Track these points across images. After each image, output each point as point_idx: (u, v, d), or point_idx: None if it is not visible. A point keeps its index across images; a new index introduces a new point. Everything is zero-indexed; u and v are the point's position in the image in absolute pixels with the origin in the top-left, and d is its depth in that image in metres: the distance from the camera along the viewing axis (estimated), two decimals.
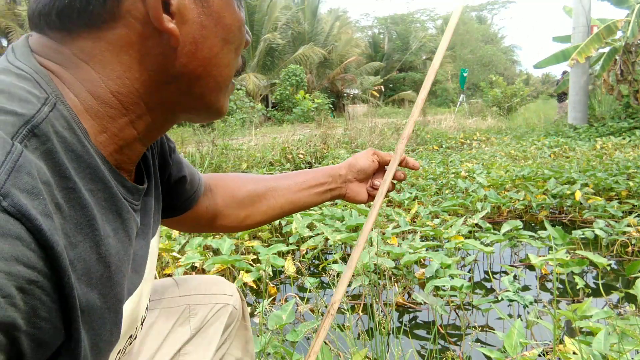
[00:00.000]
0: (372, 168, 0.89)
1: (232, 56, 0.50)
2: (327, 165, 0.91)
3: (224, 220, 0.84)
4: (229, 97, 0.55)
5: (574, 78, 10.45)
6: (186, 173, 0.73)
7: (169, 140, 0.71)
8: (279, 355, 1.55)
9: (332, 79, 24.87)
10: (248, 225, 0.87)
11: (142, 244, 0.54)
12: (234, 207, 0.84)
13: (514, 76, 33.03)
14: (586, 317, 1.65)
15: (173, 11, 0.44)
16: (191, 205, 0.77)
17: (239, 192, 0.85)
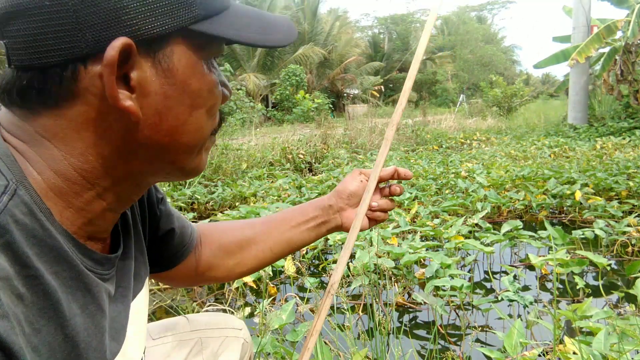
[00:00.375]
0: (362, 189, 0.81)
1: (204, 119, 0.49)
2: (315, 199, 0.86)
3: (214, 272, 0.82)
4: (208, 152, 0.54)
5: (574, 78, 10.46)
6: (175, 226, 0.73)
7: (158, 191, 0.71)
8: (279, 355, 1.55)
9: (332, 79, 24.87)
10: (238, 273, 0.83)
11: (121, 309, 0.53)
12: (222, 257, 0.82)
13: (514, 76, 33.03)
14: (586, 317, 1.65)
15: (133, 85, 0.43)
16: (180, 260, 0.76)
17: (226, 240, 0.83)
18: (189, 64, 0.45)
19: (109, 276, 0.50)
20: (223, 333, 0.89)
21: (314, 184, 4.67)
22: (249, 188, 4.60)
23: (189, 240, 0.77)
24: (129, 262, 0.57)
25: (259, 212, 3.28)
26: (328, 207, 0.82)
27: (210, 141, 0.52)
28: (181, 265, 0.77)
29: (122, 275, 0.55)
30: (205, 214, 4.21)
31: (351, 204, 0.81)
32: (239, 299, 2.36)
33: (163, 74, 0.44)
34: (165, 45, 0.43)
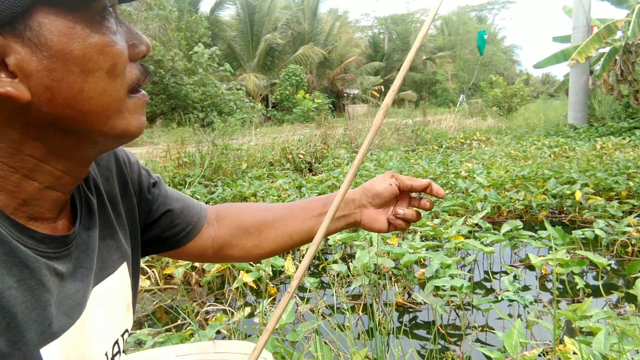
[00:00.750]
0: (389, 192, 0.79)
1: (105, 81, 0.46)
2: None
3: (231, 250, 0.83)
4: (139, 112, 0.51)
5: (574, 78, 10.46)
6: (173, 207, 0.75)
7: (150, 176, 0.73)
8: (279, 355, 1.55)
9: (332, 79, 24.87)
10: (256, 255, 0.84)
11: (78, 287, 0.54)
12: (240, 237, 0.83)
13: (514, 76, 33.05)
14: (586, 317, 1.65)
15: (13, 70, 0.42)
16: (189, 238, 0.78)
17: (246, 221, 0.83)
18: (63, 32, 0.43)
19: (56, 255, 0.51)
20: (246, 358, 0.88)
21: (314, 184, 4.68)
22: (249, 188, 4.60)
23: (195, 219, 0.79)
24: (92, 245, 0.58)
25: None
26: (351, 200, 0.81)
27: (134, 100, 0.50)
28: (194, 243, 0.79)
29: (84, 256, 0.56)
30: None
31: (375, 203, 0.80)
32: (239, 299, 2.36)
33: (38, 50, 0.43)
34: (29, 21, 0.42)
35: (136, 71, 0.50)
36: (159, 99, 15.03)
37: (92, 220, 0.60)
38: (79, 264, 0.56)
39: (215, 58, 15.82)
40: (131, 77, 0.50)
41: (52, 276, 0.50)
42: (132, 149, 9.15)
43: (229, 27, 23.73)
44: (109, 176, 0.66)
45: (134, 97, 0.50)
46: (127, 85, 0.49)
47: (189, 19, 16.82)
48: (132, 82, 0.50)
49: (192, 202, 0.81)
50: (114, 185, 0.67)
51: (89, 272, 0.57)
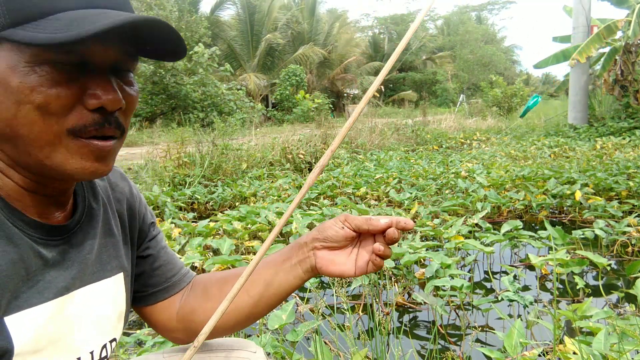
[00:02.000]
0: (341, 237, 0.73)
1: (35, 115, 0.52)
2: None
3: (194, 316, 0.80)
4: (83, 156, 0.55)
5: (574, 78, 10.45)
6: (154, 253, 0.80)
7: (152, 216, 0.82)
8: (279, 355, 1.55)
9: (332, 79, 24.87)
10: None
11: (62, 275, 0.60)
12: (202, 299, 0.80)
13: (514, 76, 33.03)
14: (586, 317, 1.65)
15: None
16: (163, 296, 0.80)
17: (209, 281, 0.82)
18: (8, 65, 0.51)
19: (42, 241, 0.58)
20: (234, 354, 0.87)
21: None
22: (249, 188, 4.60)
23: (175, 280, 0.81)
24: (86, 247, 0.64)
25: (259, 212, 3.28)
26: (303, 244, 0.76)
27: (77, 143, 0.54)
28: (163, 304, 0.80)
29: (75, 252, 0.62)
30: (205, 214, 4.22)
31: (327, 246, 0.74)
32: None
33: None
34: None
35: (87, 118, 0.54)
36: (159, 99, 15.03)
37: (92, 226, 0.66)
38: (68, 257, 0.61)
39: (216, 58, 15.81)
40: (76, 121, 0.54)
41: (34, 257, 0.56)
42: (132, 149, 9.14)
43: (229, 27, 23.73)
44: (121, 199, 0.75)
45: (79, 140, 0.54)
46: (69, 125, 0.53)
47: (189, 19, 16.81)
48: (75, 125, 0.54)
49: (177, 262, 0.83)
50: (124, 208, 0.75)
51: (79, 267, 0.62)
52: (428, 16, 38.10)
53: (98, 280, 0.66)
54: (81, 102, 0.54)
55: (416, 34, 32.76)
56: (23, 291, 0.54)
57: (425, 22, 37.04)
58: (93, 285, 0.65)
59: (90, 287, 0.65)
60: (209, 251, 2.79)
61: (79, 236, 0.64)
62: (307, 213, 3.21)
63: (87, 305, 0.64)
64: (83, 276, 0.63)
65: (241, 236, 2.87)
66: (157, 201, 3.94)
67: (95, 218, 0.68)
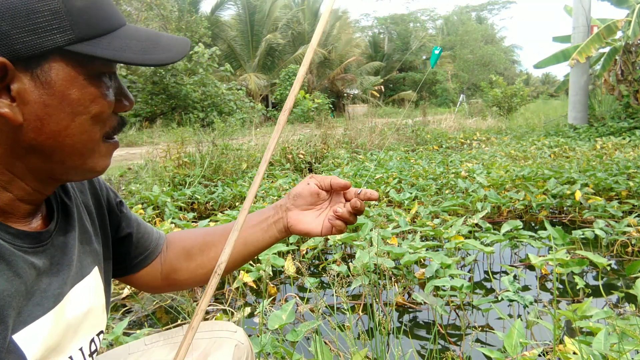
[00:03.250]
0: (307, 191, 0.81)
1: (89, 124, 0.55)
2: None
3: (177, 275, 0.85)
4: (108, 155, 0.61)
5: (574, 78, 10.45)
6: (133, 231, 0.82)
7: (116, 195, 0.82)
8: (279, 355, 1.55)
9: (332, 79, 24.87)
10: (201, 275, 0.85)
11: (54, 281, 0.60)
12: (185, 259, 0.85)
13: (514, 76, 33.03)
14: (586, 317, 1.65)
15: (14, 95, 0.50)
16: (144, 264, 0.83)
17: (189, 244, 0.86)
18: (68, 78, 0.52)
19: (32, 249, 0.58)
20: (214, 335, 0.90)
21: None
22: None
23: (153, 246, 0.85)
24: (70, 246, 0.65)
25: None
26: (279, 206, 0.83)
27: (106, 145, 0.60)
28: (146, 270, 0.84)
29: (61, 254, 0.63)
30: (205, 214, 4.22)
31: (297, 204, 0.82)
32: (239, 299, 2.36)
33: (41, 85, 0.51)
34: (43, 62, 0.51)
35: (115, 121, 0.60)
36: (159, 99, 15.03)
37: (69, 223, 0.67)
38: (56, 261, 0.62)
39: (216, 58, 15.82)
40: (110, 126, 0.59)
41: (29, 269, 0.56)
42: (132, 149, 9.14)
43: (229, 27, 23.73)
44: (83, 189, 0.76)
45: (108, 142, 0.60)
46: (105, 131, 0.59)
47: (189, 19, 16.81)
48: (109, 129, 0.59)
49: (151, 229, 0.87)
50: (87, 197, 0.76)
51: (67, 269, 0.63)
52: (428, 16, 38.12)
53: (82, 279, 0.67)
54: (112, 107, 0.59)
55: (416, 35, 32.77)
56: (24, 305, 0.54)
57: (425, 22, 37.06)
58: (80, 283, 0.66)
59: (77, 287, 0.66)
60: None
61: (60, 237, 0.64)
62: None
63: (77, 305, 0.65)
64: (71, 278, 0.64)
65: None
66: (157, 201, 3.94)
67: (71, 215, 0.68)
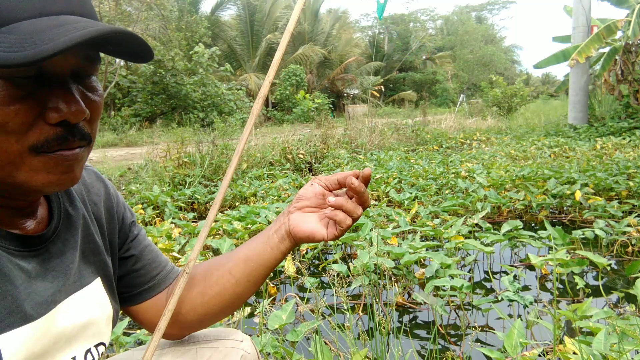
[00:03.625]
0: (310, 192, 0.74)
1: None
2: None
3: (181, 307, 0.79)
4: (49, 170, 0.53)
5: (574, 78, 10.45)
6: (137, 253, 0.78)
7: (132, 215, 0.80)
8: (279, 355, 1.55)
9: (332, 79, 24.87)
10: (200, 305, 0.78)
11: (48, 287, 0.58)
12: (187, 289, 0.79)
13: (514, 76, 33.04)
14: (586, 317, 1.65)
15: None
16: (146, 296, 0.78)
17: (195, 272, 0.80)
18: None
19: (20, 253, 0.56)
20: (221, 344, 0.87)
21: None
22: (249, 188, 4.60)
23: (160, 277, 0.80)
24: (69, 254, 0.63)
25: (259, 212, 3.28)
26: (281, 214, 0.77)
27: (41, 158, 0.52)
28: (149, 304, 0.79)
29: (57, 261, 0.61)
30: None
31: (299, 206, 0.75)
32: None
33: None
34: None
35: (49, 133, 0.51)
36: (159, 98, 15.03)
37: (71, 233, 0.65)
38: (51, 267, 0.60)
39: (216, 58, 15.82)
40: (37, 138, 0.51)
41: (16, 271, 0.54)
42: (132, 149, 9.15)
43: (230, 27, 23.73)
44: (98, 202, 0.73)
45: (43, 155, 0.52)
46: (30, 143, 0.51)
47: (189, 19, 16.81)
48: (37, 142, 0.51)
49: (163, 260, 0.81)
50: (101, 210, 0.73)
51: (64, 277, 0.61)
52: (428, 16, 38.12)
53: (80, 289, 0.65)
54: (41, 116, 0.51)
55: (416, 35, 32.77)
56: (17, 306, 0.53)
57: (425, 22, 37.06)
58: (78, 293, 0.64)
59: (74, 296, 0.63)
60: (209, 251, 2.79)
61: (58, 245, 0.62)
62: None
63: (74, 314, 0.62)
64: (66, 287, 0.62)
65: (241, 236, 2.87)
66: (157, 201, 3.94)
67: (74, 225, 0.66)
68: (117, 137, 11.64)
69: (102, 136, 11.67)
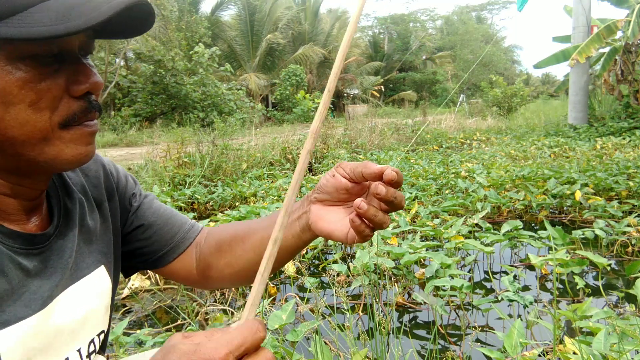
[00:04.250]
0: (331, 185, 0.63)
1: (27, 113, 0.50)
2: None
3: (210, 271, 0.78)
4: (78, 142, 0.55)
5: (574, 78, 10.45)
6: (146, 222, 0.77)
7: (135, 186, 0.78)
8: (279, 355, 1.55)
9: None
10: (228, 276, 0.78)
11: (44, 284, 0.58)
12: (215, 255, 0.78)
13: (514, 76, 33.05)
14: (586, 317, 1.65)
15: None
16: (169, 258, 0.78)
17: (221, 237, 0.79)
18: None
19: (24, 251, 0.56)
20: None
21: (314, 184, 4.67)
22: (249, 188, 4.60)
23: (178, 238, 0.79)
24: (68, 248, 0.63)
25: (259, 212, 3.28)
26: (306, 197, 0.69)
27: (71, 132, 0.54)
28: (177, 263, 0.79)
29: (56, 258, 0.61)
30: (205, 214, 4.21)
31: (320, 198, 0.66)
32: (239, 299, 2.36)
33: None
34: None
35: (75, 106, 0.53)
36: (159, 99, 15.04)
37: (69, 225, 0.64)
38: (50, 264, 0.60)
39: (216, 58, 15.83)
40: (66, 111, 0.53)
41: (15, 269, 0.54)
42: (132, 149, 9.15)
43: (230, 27, 23.73)
44: (97, 184, 0.72)
45: (72, 128, 0.54)
46: (60, 118, 0.53)
47: (189, 19, 16.82)
48: (67, 115, 0.53)
49: (178, 221, 0.80)
50: (101, 191, 0.72)
51: (60, 272, 0.61)
52: (428, 16, 38.12)
53: (78, 280, 0.64)
54: (67, 91, 0.53)
55: (416, 35, 32.77)
56: (9, 305, 0.53)
57: (425, 22, 37.06)
58: (73, 285, 0.63)
59: (71, 288, 0.63)
60: None
61: (59, 241, 0.62)
62: None
63: (71, 306, 0.62)
64: (63, 281, 0.62)
65: None
66: None
67: (73, 219, 0.65)
68: (117, 137, 11.65)
69: (102, 136, 11.67)
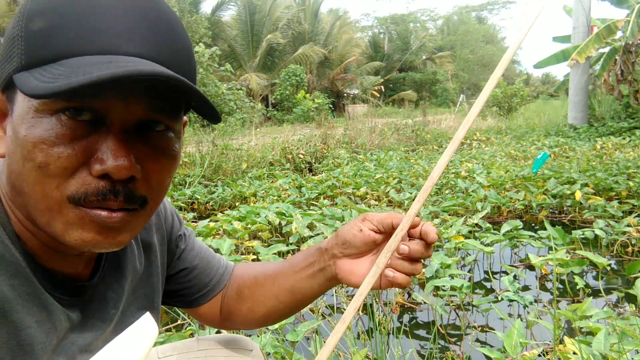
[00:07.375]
0: (360, 240, 0.64)
1: (36, 175, 0.45)
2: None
3: (233, 317, 0.79)
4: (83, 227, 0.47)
5: (574, 78, 10.45)
6: (194, 265, 0.77)
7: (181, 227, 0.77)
8: (279, 355, 1.55)
9: (332, 79, 24.87)
10: (253, 321, 0.79)
11: (86, 336, 0.55)
12: (237, 301, 0.79)
13: (514, 76, 33.02)
14: (586, 317, 1.65)
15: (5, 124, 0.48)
16: (203, 300, 0.78)
17: (242, 282, 0.80)
18: (21, 112, 0.45)
19: (68, 302, 0.53)
20: (230, 352, 0.87)
21: (314, 184, 4.67)
22: (249, 188, 4.60)
23: (213, 283, 0.79)
24: (111, 299, 0.60)
25: (259, 212, 3.28)
26: (324, 250, 0.69)
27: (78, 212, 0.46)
28: (204, 308, 0.79)
29: (97, 307, 0.58)
30: (205, 214, 4.21)
31: (346, 253, 0.66)
32: None
33: (11, 118, 0.46)
34: (15, 93, 0.46)
35: (91, 185, 0.46)
36: None
37: (115, 275, 0.61)
38: (91, 314, 0.57)
39: (216, 58, 15.81)
40: (77, 187, 0.45)
41: (65, 322, 0.52)
42: None
43: (230, 27, 23.73)
44: (148, 228, 0.69)
45: (79, 209, 0.46)
46: (69, 192, 0.46)
47: (189, 19, 16.82)
48: (76, 192, 0.45)
49: (215, 264, 0.80)
50: (150, 233, 0.70)
51: (102, 324, 0.58)
52: (427, 16, 38.13)
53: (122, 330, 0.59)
54: (86, 165, 0.46)
55: (416, 35, 32.78)
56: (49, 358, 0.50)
57: (425, 22, 37.07)
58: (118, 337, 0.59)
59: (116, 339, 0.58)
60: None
61: (100, 289, 0.57)
62: (307, 213, 3.21)
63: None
64: (105, 335, 0.57)
65: (241, 236, 2.87)
66: None
67: (121, 267, 0.61)
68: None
69: None
